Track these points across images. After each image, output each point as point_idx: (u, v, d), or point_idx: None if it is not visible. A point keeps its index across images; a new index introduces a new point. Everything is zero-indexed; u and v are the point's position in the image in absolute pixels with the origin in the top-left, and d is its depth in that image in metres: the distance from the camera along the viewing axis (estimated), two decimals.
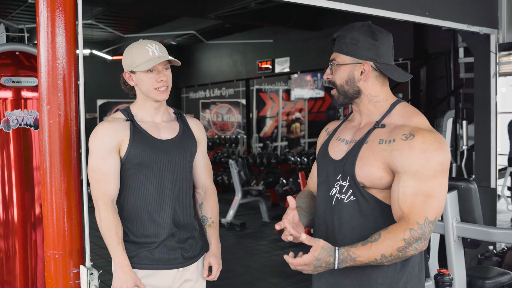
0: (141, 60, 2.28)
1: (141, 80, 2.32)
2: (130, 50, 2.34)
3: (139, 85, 2.34)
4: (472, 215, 3.24)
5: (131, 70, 2.33)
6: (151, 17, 12.07)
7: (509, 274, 3.50)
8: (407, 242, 1.77)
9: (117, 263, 2.27)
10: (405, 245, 1.77)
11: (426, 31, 9.36)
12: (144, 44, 2.32)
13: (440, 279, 2.97)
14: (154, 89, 2.31)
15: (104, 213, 2.26)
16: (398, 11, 4.13)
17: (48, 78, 2.44)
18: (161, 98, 2.34)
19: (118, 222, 2.28)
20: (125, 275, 2.25)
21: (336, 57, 2.00)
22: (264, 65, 13.47)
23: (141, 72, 2.30)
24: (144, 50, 2.29)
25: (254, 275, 5.77)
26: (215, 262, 2.47)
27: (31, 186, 3.37)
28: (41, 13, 2.44)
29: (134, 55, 2.31)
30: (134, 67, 2.30)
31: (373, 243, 1.78)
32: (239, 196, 8.60)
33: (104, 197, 2.27)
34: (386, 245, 1.77)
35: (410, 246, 1.78)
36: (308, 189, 2.31)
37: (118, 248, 2.26)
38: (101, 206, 2.27)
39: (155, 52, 2.30)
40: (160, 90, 2.32)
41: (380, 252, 1.77)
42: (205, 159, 2.58)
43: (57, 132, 2.44)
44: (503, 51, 5.36)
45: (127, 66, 2.35)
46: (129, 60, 2.32)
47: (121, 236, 2.28)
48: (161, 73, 2.31)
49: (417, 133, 1.83)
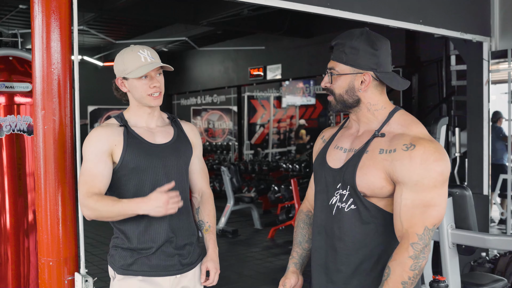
0: (133, 67, 2.26)
1: (134, 87, 2.30)
2: (122, 56, 2.31)
3: (132, 91, 2.32)
4: (466, 222, 3.25)
5: (124, 76, 2.30)
6: (143, 23, 12.04)
7: (503, 281, 3.51)
8: (414, 257, 1.78)
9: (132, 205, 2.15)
10: (414, 261, 1.78)
11: (418, 39, 9.40)
12: (136, 50, 2.30)
13: (436, 286, 2.96)
14: (147, 95, 2.30)
15: (91, 201, 2.16)
16: (392, 18, 4.14)
17: (43, 84, 2.42)
18: (154, 104, 2.32)
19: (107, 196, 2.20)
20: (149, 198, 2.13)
21: (335, 66, 1.98)
22: (256, 72, 13.47)
23: (133, 78, 2.28)
24: (136, 56, 2.27)
25: (247, 282, 5.75)
26: (213, 266, 2.44)
27: (24, 193, 3.34)
28: (36, 18, 2.42)
29: (126, 61, 2.28)
30: (127, 73, 2.28)
31: (388, 279, 1.79)
32: (231, 203, 8.58)
33: (88, 192, 2.19)
34: (399, 273, 1.78)
35: (419, 258, 1.79)
36: (305, 210, 2.29)
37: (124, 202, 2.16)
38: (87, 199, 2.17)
39: (147, 58, 2.28)
40: (153, 96, 2.30)
41: (398, 281, 1.78)
42: (201, 163, 2.56)
43: (51, 137, 2.43)
44: (495, 59, 5.39)
45: (119, 73, 2.33)
46: (121, 67, 2.30)
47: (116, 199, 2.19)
48: (154, 79, 2.30)
49: (417, 143, 1.83)
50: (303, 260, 2.22)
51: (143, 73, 2.25)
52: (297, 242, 2.24)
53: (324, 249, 2.03)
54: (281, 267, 6.19)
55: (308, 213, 2.27)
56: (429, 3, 4.48)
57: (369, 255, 1.92)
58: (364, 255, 1.93)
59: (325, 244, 2.02)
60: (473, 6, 4.99)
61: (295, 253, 2.23)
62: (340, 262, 1.97)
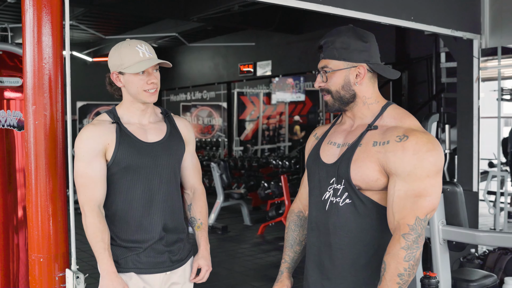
0: (131, 62, 2.23)
1: (130, 82, 2.27)
2: (119, 51, 2.28)
3: (127, 86, 2.29)
4: (457, 218, 3.26)
5: (120, 71, 2.27)
6: (133, 19, 11.98)
7: (493, 277, 3.53)
8: (406, 248, 1.78)
9: (103, 270, 2.23)
10: (407, 252, 1.78)
11: (408, 36, 9.44)
12: (133, 44, 2.26)
13: (427, 282, 2.97)
14: (143, 91, 2.27)
15: (90, 219, 2.21)
16: (384, 15, 4.15)
17: (34, 78, 2.39)
18: (150, 100, 2.30)
19: (105, 228, 2.23)
20: (112, 282, 2.21)
21: (328, 64, 1.97)
22: (246, 68, 13.46)
23: (131, 73, 2.25)
24: (134, 51, 2.24)
25: (237, 278, 5.75)
26: (205, 264, 2.44)
27: (14, 189, 3.30)
28: (27, 12, 2.39)
29: (123, 55, 2.25)
30: (124, 68, 2.24)
31: (384, 274, 1.80)
32: (221, 199, 8.57)
33: (90, 202, 2.23)
34: (394, 266, 1.78)
35: (412, 248, 1.78)
36: (296, 210, 2.28)
37: (105, 255, 2.22)
38: (88, 211, 2.22)
39: (146, 53, 2.25)
40: (150, 92, 2.27)
41: (395, 274, 1.78)
42: (193, 159, 2.54)
43: (42, 133, 2.39)
44: (484, 57, 5.41)
45: (114, 67, 2.29)
46: (118, 61, 2.26)
47: (107, 242, 2.23)
48: (151, 75, 2.27)
49: (410, 135, 1.83)
50: (295, 263, 2.24)
51: (143, 68, 2.22)
52: (289, 244, 2.24)
53: (318, 245, 2.02)
54: (271, 263, 6.22)
55: (300, 213, 2.26)
56: (420, 0, 4.49)
57: (364, 250, 1.92)
58: (360, 250, 1.92)
59: (319, 240, 2.01)
60: (463, 4, 5.01)
61: (287, 256, 2.23)
62: (335, 258, 1.96)
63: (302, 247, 2.23)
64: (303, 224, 2.23)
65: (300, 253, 2.23)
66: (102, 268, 2.23)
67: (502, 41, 5.12)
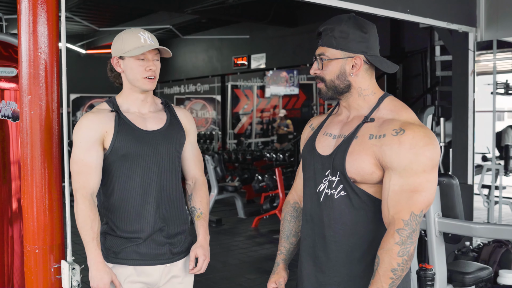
0: (131, 46, 2.23)
1: (130, 67, 2.27)
2: (121, 36, 2.29)
3: (126, 72, 2.29)
4: (453, 210, 3.27)
5: (120, 55, 2.27)
6: (127, 11, 11.92)
7: (488, 269, 3.55)
8: (400, 243, 1.76)
9: (91, 259, 2.21)
10: (401, 247, 1.76)
11: (402, 29, 9.44)
12: (136, 31, 2.27)
13: (423, 274, 2.98)
14: (142, 78, 2.26)
15: (81, 206, 2.20)
16: (380, 7, 4.14)
17: (29, 68, 2.37)
18: (148, 87, 2.29)
19: (95, 217, 2.22)
20: (99, 272, 2.20)
21: (325, 52, 1.95)
22: (240, 61, 13.43)
23: (130, 58, 2.25)
24: (136, 36, 2.25)
25: (232, 271, 5.75)
26: (202, 253, 2.39)
27: (8, 180, 3.28)
28: (22, 1, 2.36)
29: (125, 40, 2.26)
30: (124, 52, 2.25)
31: (378, 268, 1.78)
32: (215, 192, 8.56)
33: (83, 189, 2.22)
34: (387, 261, 1.77)
35: (406, 244, 1.77)
36: (292, 201, 2.26)
37: (92, 244, 2.20)
38: (80, 198, 2.21)
39: (147, 40, 2.26)
40: (148, 79, 2.27)
41: (388, 269, 1.77)
42: (194, 149, 2.52)
43: (38, 123, 2.37)
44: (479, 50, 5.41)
45: (116, 52, 2.30)
46: (119, 46, 2.27)
47: (96, 232, 2.22)
48: (150, 62, 2.27)
49: (407, 128, 1.81)
50: (291, 254, 2.22)
51: (141, 51, 2.22)
52: (285, 236, 2.22)
53: (312, 237, 2.01)
54: (265, 256, 6.23)
55: (295, 205, 2.25)
56: None
57: (359, 243, 1.90)
58: (354, 243, 1.91)
59: (313, 233, 2.00)
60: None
61: (283, 248, 2.21)
62: (329, 251, 1.94)
63: (298, 239, 2.21)
64: (299, 216, 2.22)
65: (296, 245, 2.22)
66: (89, 258, 2.22)
67: (497, 34, 5.12)
